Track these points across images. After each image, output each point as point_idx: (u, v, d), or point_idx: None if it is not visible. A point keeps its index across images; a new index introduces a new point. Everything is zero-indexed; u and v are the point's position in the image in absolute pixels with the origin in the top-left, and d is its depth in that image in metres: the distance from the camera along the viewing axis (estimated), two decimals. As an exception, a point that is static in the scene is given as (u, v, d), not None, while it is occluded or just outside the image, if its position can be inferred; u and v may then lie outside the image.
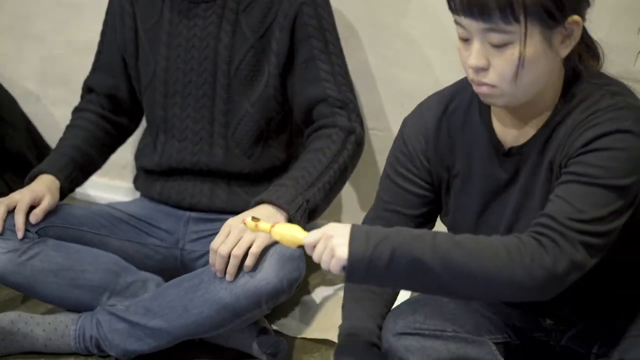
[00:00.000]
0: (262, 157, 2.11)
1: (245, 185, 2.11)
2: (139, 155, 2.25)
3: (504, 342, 1.68)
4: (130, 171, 2.41)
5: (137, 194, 2.30)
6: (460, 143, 1.61)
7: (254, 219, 1.52)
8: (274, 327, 2.11)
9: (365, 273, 1.38)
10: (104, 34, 2.23)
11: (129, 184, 2.37)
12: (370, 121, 2.42)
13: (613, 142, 1.40)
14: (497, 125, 1.56)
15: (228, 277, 1.81)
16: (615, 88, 1.48)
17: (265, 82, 2.06)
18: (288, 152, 2.16)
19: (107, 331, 1.95)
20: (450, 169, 1.63)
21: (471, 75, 1.45)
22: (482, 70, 1.43)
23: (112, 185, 2.84)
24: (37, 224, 2.01)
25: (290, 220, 1.82)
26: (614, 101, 1.44)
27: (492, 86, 1.43)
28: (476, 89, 1.47)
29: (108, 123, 2.24)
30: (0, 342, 1.95)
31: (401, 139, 1.68)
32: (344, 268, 1.39)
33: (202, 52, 2.07)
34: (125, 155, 2.40)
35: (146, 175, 2.22)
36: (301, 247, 1.47)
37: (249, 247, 1.81)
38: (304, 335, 2.11)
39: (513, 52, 1.39)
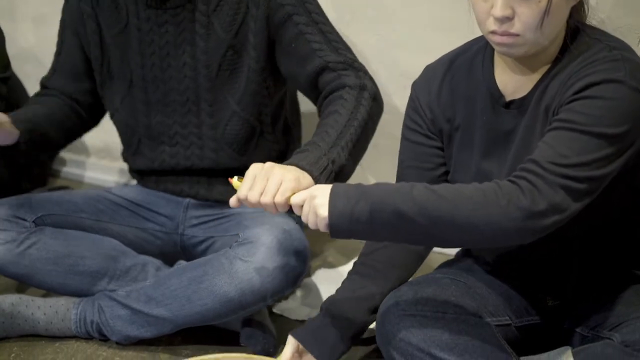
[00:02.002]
0: (258, 150, 2.07)
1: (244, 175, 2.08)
2: (125, 158, 2.22)
3: (505, 325, 1.68)
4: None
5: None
6: (463, 96, 1.65)
7: (240, 178, 1.58)
8: (275, 310, 2.11)
9: (348, 229, 1.44)
10: (62, 34, 2.16)
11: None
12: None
13: (603, 91, 1.43)
14: (499, 78, 1.60)
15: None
16: (614, 43, 1.51)
17: (247, 78, 2.00)
18: (287, 139, 2.14)
19: (108, 317, 1.95)
20: (451, 122, 1.67)
21: (493, 27, 1.47)
22: (507, 20, 1.45)
23: (113, 168, 2.84)
24: (34, 212, 2.01)
25: (315, 181, 1.67)
26: (611, 53, 1.47)
27: (516, 35, 1.46)
28: (498, 39, 1.49)
29: (71, 110, 2.16)
30: (1, 324, 1.95)
31: (411, 98, 1.75)
32: (328, 226, 1.44)
33: (179, 59, 2.01)
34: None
35: (139, 172, 2.20)
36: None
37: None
38: (305, 318, 2.10)
39: (541, 0, 1.42)
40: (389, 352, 1.60)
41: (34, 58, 2.80)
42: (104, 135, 2.83)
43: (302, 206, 1.51)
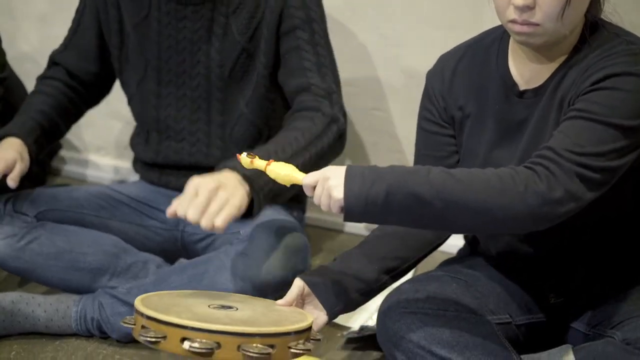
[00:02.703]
0: None
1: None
2: (133, 145, 2.23)
3: (505, 323, 1.68)
4: (131, 152, 2.40)
5: (138, 175, 2.29)
6: (476, 84, 1.65)
7: (250, 155, 1.56)
8: (276, 308, 2.11)
9: (362, 212, 1.42)
10: (81, 14, 2.17)
11: (130, 165, 2.36)
12: (371, 101, 2.41)
13: (620, 83, 1.44)
14: (513, 68, 1.60)
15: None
16: (632, 38, 1.52)
17: (256, 82, 2.02)
18: None
19: (109, 314, 1.94)
20: (463, 109, 1.67)
21: (513, 15, 1.47)
22: (527, 9, 1.45)
23: (113, 166, 2.84)
24: (35, 207, 2.01)
25: (254, 193, 1.70)
26: (629, 47, 1.48)
27: (536, 25, 1.46)
28: (518, 28, 1.49)
29: (74, 93, 2.18)
30: (1, 323, 1.95)
31: (425, 87, 1.74)
32: (342, 209, 1.42)
33: (194, 56, 2.03)
34: (127, 136, 2.39)
35: (143, 164, 2.21)
36: (295, 185, 1.52)
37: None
38: (305, 316, 2.10)
39: None
40: (390, 349, 1.60)
41: (34, 57, 2.80)
42: (104, 133, 2.84)
43: (314, 187, 1.47)
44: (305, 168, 1.74)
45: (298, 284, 1.64)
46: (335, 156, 1.95)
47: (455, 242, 1.93)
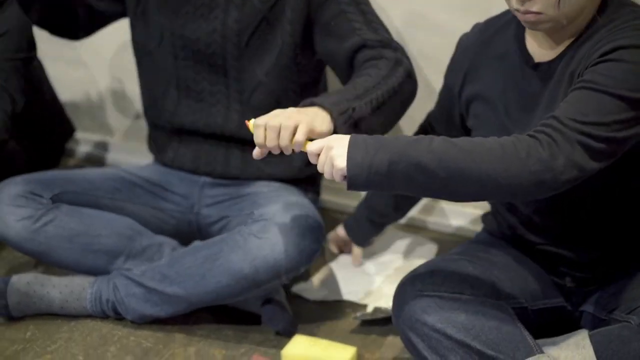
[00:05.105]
0: None
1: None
2: (146, 111, 2.21)
3: (521, 307, 1.67)
4: (146, 135, 2.40)
5: (153, 157, 2.28)
6: (494, 56, 1.69)
7: None
8: (293, 290, 2.11)
9: (365, 181, 1.43)
10: None
11: (145, 147, 2.36)
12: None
13: (628, 55, 1.44)
14: (529, 42, 1.62)
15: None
16: None
17: (279, 52, 1.99)
18: None
19: (123, 295, 1.95)
20: (481, 81, 1.70)
21: (515, 5, 1.50)
22: None
23: (128, 149, 2.84)
24: (50, 189, 2.00)
25: (334, 122, 1.69)
26: None
27: (538, 13, 1.49)
28: (521, 17, 1.52)
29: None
30: (16, 305, 1.96)
31: (454, 52, 1.84)
32: (345, 177, 1.44)
33: (210, 24, 2.00)
34: (143, 118, 2.38)
35: (157, 134, 2.19)
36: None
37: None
38: (322, 299, 2.10)
39: None
40: (405, 332, 1.60)
41: (49, 36, 2.80)
42: (120, 115, 2.83)
43: (318, 155, 1.50)
44: (379, 105, 1.77)
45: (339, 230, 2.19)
46: (409, 96, 1.89)
47: (472, 227, 1.93)
